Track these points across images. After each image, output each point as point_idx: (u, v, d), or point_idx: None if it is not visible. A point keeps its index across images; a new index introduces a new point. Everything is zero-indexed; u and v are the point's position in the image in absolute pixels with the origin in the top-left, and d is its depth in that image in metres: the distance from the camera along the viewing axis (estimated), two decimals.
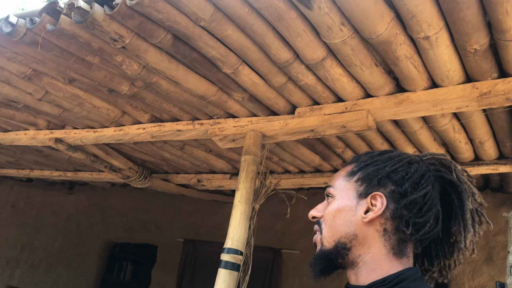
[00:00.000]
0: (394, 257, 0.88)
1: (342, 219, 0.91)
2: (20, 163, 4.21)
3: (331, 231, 0.92)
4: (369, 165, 0.94)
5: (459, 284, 3.31)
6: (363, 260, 0.89)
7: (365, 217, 0.89)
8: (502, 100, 1.77)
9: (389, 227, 0.88)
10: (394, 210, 0.88)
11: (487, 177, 3.25)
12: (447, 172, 0.94)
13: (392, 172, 0.91)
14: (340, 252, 0.90)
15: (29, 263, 5.67)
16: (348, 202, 0.92)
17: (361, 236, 0.89)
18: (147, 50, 1.77)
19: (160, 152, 3.13)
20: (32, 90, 2.30)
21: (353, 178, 0.94)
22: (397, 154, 0.95)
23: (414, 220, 0.87)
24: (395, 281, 0.84)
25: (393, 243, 0.88)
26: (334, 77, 1.86)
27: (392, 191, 0.89)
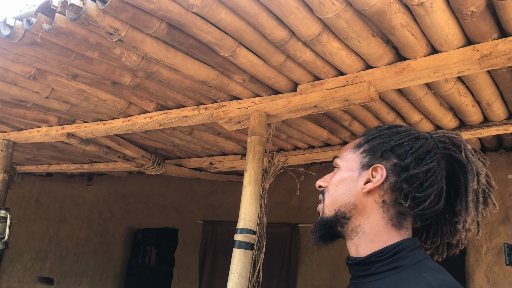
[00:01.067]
0: (392, 228, 0.90)
1: (343, 189, 0.93)
2: (38, 159, 4.33)
3: (332, 200, 0.94)
4: (375, 138, 0.95)
5: (477, 246, 3.32)
6: (362, 230, 0.91)
7: (364, 187, 0.91)
8: (504, 61, 1.74)
9: (388, 199, 0.90)
10: (393, 182, 0.89)
11: (500, 138, 3.21)
12: (456, 151, 0.94)
13: (397, 146, 0.92)
14: (339, 221, 0.93)
15: (57, 254, 5.87)
16: (351, 173, 0.94)
17: (360, 206, 0.91)
18: (143, 41, 1.79)
19: (170, 139, 3.18)
20: (38, 88, 2.35)
21: (359, 150, 0.96)
22: (405, 129, 0.96)
23: (413, 194, 0.89)
24: (393, 251, 0.86)
25: (391, 214, 0.90)
26: (332, 51, 1.85)
27: (394, 164, 0.91)
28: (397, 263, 0.85)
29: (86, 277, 5.55)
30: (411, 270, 0.83)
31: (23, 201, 6.49)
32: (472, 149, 0.95)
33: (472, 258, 3.32)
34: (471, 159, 0.93)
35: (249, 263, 2.01)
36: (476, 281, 3.25)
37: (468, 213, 0.90)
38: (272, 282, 4.16)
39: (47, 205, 6.23)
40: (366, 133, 1.01)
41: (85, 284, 5.53)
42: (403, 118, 2.59)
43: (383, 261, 0.86)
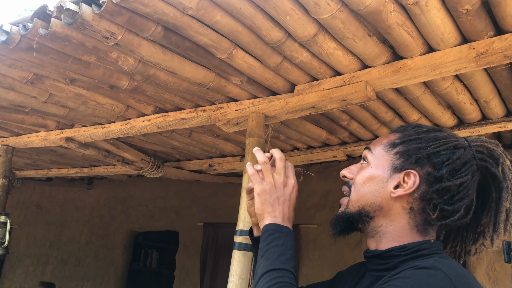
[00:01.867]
0: (417, 234, 0.89)
1: (370, 188, 0.91)
2: (37, 164, 4.33)
3: (357, 196, 0.93)
4: (412, 141, 0.92)
5: None
6: (384, 230, 0.90)
7: (394, 192, 0.89)
8: (500, 58, 1.74)
9: (416, 207, 0.88)
10: (424, 192, 0.87)
11: (499, 135, 3.21)
12: (493, 164, 0.91)
13: (434, 154, 0.89)
14: (362, 218, 0.92)
15: (58, 259, 5.87)
16: (381, 173, 0.91)
17: (385, 209, 0.90)
18: (140, 44, 1.79)
19: (169, 141, 3.18)
20: (36, 93, 2.35)
21: (393, 150, 0.93)
22: (444, 136, 0.92)
23: (442, 206, 0.87)
24: (415, 248, 0.85)
25: (418, 221, 0.88)
26: (328, 51, 1.85)
27: (428, 173, 0.88)
28: (417, 260, 0.83)
29: (87, 281, 5.55)
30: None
31: (23, 206, 6.49)
32: (510, 163, 0.92)
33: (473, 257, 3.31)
34: (508, 175, 0.90)
35: (249, 264, 2.01)
36: (477, 279, 3.25)
37: (498, 233, 0.90)
38: None
39: (47, 209, 6.23)
40: (402, 130, 0.97)
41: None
42: (401, 117, 2.59)
43: (402, 257, 0.85)
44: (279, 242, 0.88)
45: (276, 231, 0.90)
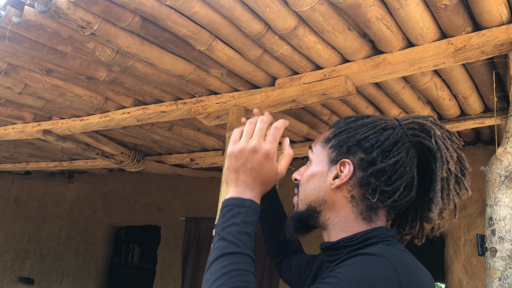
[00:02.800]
0: (363, 222, 0.89)
1: (313, 184, 0.93)
2: (15, 157, 4.24)
3: (304, 195, 0.94)
4: (342, 132, 0.94)
5: (455, 238, 3.37)
6: (332, 222, 0.92)
7: (332, 183, 0.90)
8: (477, 54, 1.76)
9: (356, 194, 0.89)
10: (361, 178, 0.88)
11: (478, 131, 3.26)
12: (425, 137, 0.91)
13: (363, 140, 0.90)
14: (311, 215, 0.93)
15: (37, 254, 5.78)
16: (321, 168, 0.93)
17: (329, 201, 0.91)
18: (117, 35, 1.75)
19: (149, 135, 3.14)
20: (10, 84, 2.29)
21: (328, 145, 0.95)
22: (371, 121, 0.93)
23: (382, 188, 0.87)
24: (363, 238, 0.86)
25: (361, 209, 0.89)
26: (308, 45, 1.84)
27: (360, 159, 0.89)
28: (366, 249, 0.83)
29: (67, 276, 5.48)
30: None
31: (1, 200, 6.37)
32: (443, 134, 0.92)
33: (451, 250, 3.37)
34: (441, 145, 0.90)
35: None
36: (454, 273, 3.30)
37: (436, 203, 0.89)
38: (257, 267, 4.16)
39: (26, 204, 6.12)
40: (335, 125, 0.99)
41: (67, 283, 5.45)
42: (381, 112, 2.60)
43: (352, 246, 0.86)
44: (237, 220, 0.80)
45: (236, 206, 0.82)
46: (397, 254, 0.79)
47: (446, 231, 3.43)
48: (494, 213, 1.39)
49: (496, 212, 1.38)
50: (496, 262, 1.35)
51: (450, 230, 3.41)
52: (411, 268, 0.77)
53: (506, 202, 1.37)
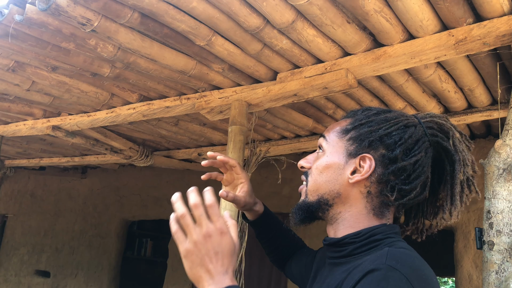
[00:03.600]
0: (374, 217, 0.88)
1: (328, 176, 0.90)
2: (28, 153, 4.33)
3: (315, 186, 0.92)
4: (363, 125, 0.91)
5: (465, 232, 3.33)
6: (343, 217, 0.90)
7: (351, 178, 0.88)
8: (479, 46, 1.73)
9: (374, 190, 0.88)
10: (381, 174, 0.87)
11: (489, 124, 3.20)
12: (444, 138, 0.91)
13: (386, 136, 0.88)
14: (321, 207, 0.91)
15: (53, 247, 5.90)
16: (337, 160, 0.91)
17: (344, 195, 0.89)
18: (117, 31, 1.78)
19: (156, 130, 3.18)
20: (18, 81, 2.34)
21: (346, 136, 0.92)
22: (394, 116, 0.92)
23: (400, 186, 0.87)
24: (368, 234, 0.85)
25: (375, 205, 0.88)
26: (308, 39, 1.84)
27: (382, 155, 0.87)
28: (372, 245, 0.84)
29: (81, 269, 5.58)
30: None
31: (18, 195, 6.51)
32: (459, 136, 0.93)
33: (461, 245, 3.33)
34: (459, 148, 0.90)
35: None
36: (464, 267, 3.27)
37: (455, 205, 0.89)
38: (264, 272, 4.18)
39: (42, 198, 6.25)
40: (353, 115, 0.96)
41: (81, 276, 5.56)
42: (386, 105, 2.58)
43: (357, 243, 0.85)
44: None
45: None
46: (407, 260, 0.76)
47: (456, 225, 3.39)
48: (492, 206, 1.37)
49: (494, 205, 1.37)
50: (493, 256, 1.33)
51: (460, 224, 3.37)
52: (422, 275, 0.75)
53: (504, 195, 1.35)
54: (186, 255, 0.77)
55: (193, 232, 0.76)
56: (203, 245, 0.76)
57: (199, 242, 0.76)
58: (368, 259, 0.79)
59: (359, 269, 0.77)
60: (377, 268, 0.73)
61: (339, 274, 0.84)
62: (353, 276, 0.77)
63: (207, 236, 0.76)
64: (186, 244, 0.77)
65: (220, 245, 0.76)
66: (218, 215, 0.77)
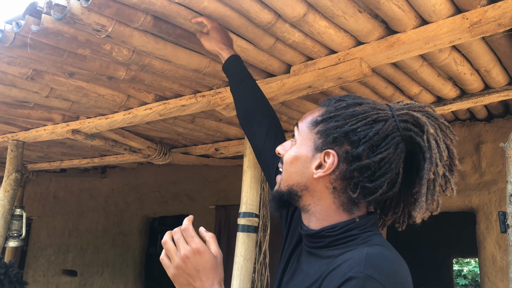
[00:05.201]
0: (344, 213, 0.89)
1: (296, 168, 0.92)
2: (49, 156, 4.42)
3: (286, 175, 0.94)
4: (331, 119, 0.90)
5: (487, 213, 3.31)
6: (313, 209, 0.91)
7: (315, 173, 0.89)
8: (494, 27, 1.71)
9: (338, 186, 0.88)
10: (344, 171, 0.86)
11: (506, 103, 3.16)
12: (418, 133, 0.88)
13: (351, 132, 0.86)
14: (292, 197, 0.93)
15: (78, 247, 6.04)
16: (305, 152, 0.91)
17: (311, 189, 0.90)
18: (131, 35, 1.80)
19: (173, 128, 3.21)
20: (37, 88, 2.39)
21: (315, 129, 0.92)
22: (363, 110, 0.88)
23: (364, 184, 0.85)
24: (344, 229, 0.86)
25: (342, 201, 0.88)
26: (320, 30, 1.84)
27: (346, 151, 0.86)
28: (349, 239, 0.85)
29: (107, 267, 5.71)
30: (360, 244, 0.83)
31: (41, 198, 6.66)
32: (437, 130, 0.88)
33: (483, 226, 3.31)
34: (432, 144, 0.86)
35: (253, 245, 2.06)
36: (487, 248, 3.25)
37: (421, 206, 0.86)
38: None
39: (64, 200, 6.38)
40: (326, 105, 0.94)
41: (107, 274, 5.69)
42: (402, 91, 2.56)
43: (333, 237, 0.86)
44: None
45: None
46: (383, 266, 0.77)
47: (477, 207, 3.37)
48: None
49: None
50: None
51: (481, 206, 3.35)
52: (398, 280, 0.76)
53: None
54: (173, 278, 0.86)
55: (174, 256, 0.85)
56: (184, 266, 0.84)
57: (179, 265, 0.84)
58: (347, 260, 0.79)
59: (338, 272, 0.78)
60: (355, 276, 0.74)
61: (318, 266, 0.86)
62: (332, 279, 0.78)
63: (185, 258, 0.84)
64: (171, 269, 0.86)
65: (199, 263, 0.84)
66: (192, 236, 0.86)
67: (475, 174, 3.37)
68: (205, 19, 1.63)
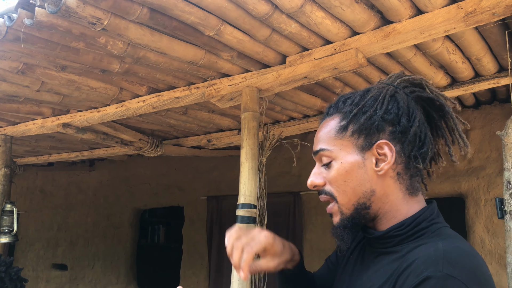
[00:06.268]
0: (410, 197, 0.87)
1: (355, 181, 0.86)
2: (37, 151, 4.36)
3: (346, 197, 0.86)
4: (357, 114, 0.87)
5: (476, 198, 3.38)
6: (383, 211, 0.87)
7: (379, 169, 0.85)
8: (488, 16, 1.73)
9: (401, 169, 0.86)
10: (400, 150, 0.85)
11: (494, 90, 3.22)
12: (421, 90, 0.91)
13: (385, 113, 0.86)
14: (361, 213, 0.87)
15: (67, 241, 5.99)
16: (353, 160, 0.86)
17: (378, 190, 0.86)
18: (127, 28, 1.78)
19: (165, 120, 3.19)
20: (28, 83, 2.35)
21: (347, 133, 0.88)
22: (377, 93, 0.89)
23: (419, 152, 0.86)
24: (412, 224, 0.84)
25: (407, 183, 0.87)
26: (316, 21, 1.84)
27: (391, 132, 0.85)
28: (418, 234, 0.83)
29: (98, 260, 5.68)
30: (430, 238, 0.81)
31: (28, 192, 6.57)
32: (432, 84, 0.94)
33: (472, 211, 3.39)
34: (437, 93, 0.92)
35: None
36: (476, 233, 3.34)
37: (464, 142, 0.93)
38: None
39: (52, 194, 6.31)
40: (336, 111, 0.92)
41: (98, 267, 5.66)
42: None
43: (403, 235, 0.84)
44: None
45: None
46: (463, 263, 0.73)
47: (466, 192, 3.44)
48: None
49: None
50: None
51: (470, 191, 3.42)
52: (480, 276, 0.73)
53: None
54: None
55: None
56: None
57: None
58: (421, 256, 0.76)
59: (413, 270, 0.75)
60: (433, 276, 0.71)
61: (388, 263, 0.83)
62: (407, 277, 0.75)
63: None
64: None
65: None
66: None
67: (464, 160, 3.44)
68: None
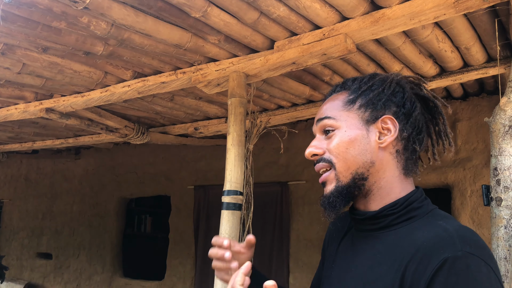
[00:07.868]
0: (404, 178, 0.90)
1: (356, 149, 0.88)
2: (21, 137, 4.27)
3: (346, 164, 0.88)
4: (366, 91, 0.92)
5: (462, 189, 3.40)
6: (378, 186, 0.89)
7: (382, 142, 0.89)
8: (479, 3, 1.72)
9: (400, 147, 0.90)
10: (402, 130, 0.90)
11: (482, 82, 3.22)
12: (418, 89, 0.97)
13: (392, 95, 0.91)
14: (357, 184, 0.88)
15: (52, 230, 5.92)
16: (358, 131, 0.89)
17: (377, 162, 0.88)
18: (110, 7, 1.72)
19: (151, 106, 3.14)
20: (8, 64, 2.28)
21: (354, 106, 0.91)
22: (384, 76, 0.95)
23: (418, 136, 0.91)
24: (405, 203, 0.87)
25: (403, 163, 0.91)
26: (305, 4, 1.81)
27: (395, 112, 0.90)
28: (410, 214, 0.86)
29: (83, 249, 5.63)
30: (425, 219, 0.84)
31: (12, 180, 6.47)
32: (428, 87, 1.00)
33: (458, 202, 3.41)
34: (433, 94, 0.97)
35: (238, 223, 2.05)
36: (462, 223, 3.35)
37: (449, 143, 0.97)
38: (266, 240, 4.25)
39: (37, 182, 6.22)
40: (345, 87, 0.96)
41: (83, 256, 5.61)
42: (383, 68, 2.57)
43: (396, 214, 0.86)
44: None
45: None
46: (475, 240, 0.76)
47: (452, 183, 3.46)
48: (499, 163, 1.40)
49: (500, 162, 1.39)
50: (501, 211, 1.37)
51: (456, 182, 3.44)
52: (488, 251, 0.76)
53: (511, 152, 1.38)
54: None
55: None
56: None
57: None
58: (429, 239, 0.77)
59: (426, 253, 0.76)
60: (455, 255, 0.73)
61: (384, 249, 0.84)
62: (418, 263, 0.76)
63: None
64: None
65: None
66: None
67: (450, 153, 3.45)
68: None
